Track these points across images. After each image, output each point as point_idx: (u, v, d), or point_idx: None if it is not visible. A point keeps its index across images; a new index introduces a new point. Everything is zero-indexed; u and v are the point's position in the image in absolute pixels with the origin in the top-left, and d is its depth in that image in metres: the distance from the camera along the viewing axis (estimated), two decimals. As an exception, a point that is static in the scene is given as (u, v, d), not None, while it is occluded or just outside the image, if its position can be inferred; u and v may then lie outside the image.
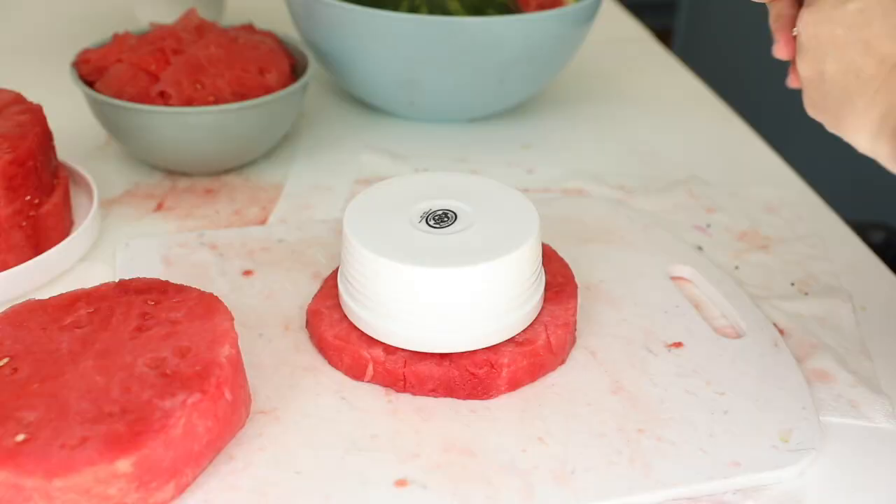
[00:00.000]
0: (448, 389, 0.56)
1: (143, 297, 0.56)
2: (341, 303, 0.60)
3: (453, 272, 0.54)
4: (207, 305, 0.55)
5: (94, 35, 0.90)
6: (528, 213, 0.59)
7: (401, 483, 0.51)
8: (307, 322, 0.62)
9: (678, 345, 0.62)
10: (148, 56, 0.78)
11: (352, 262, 0.57)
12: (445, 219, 0.58)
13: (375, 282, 0.55)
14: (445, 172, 0.64)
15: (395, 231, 0.57)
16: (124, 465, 0.45)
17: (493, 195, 0.61)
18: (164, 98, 0.77)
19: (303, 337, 0.62)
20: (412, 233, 0.57)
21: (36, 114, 0.69)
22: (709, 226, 0.77)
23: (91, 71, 0.80)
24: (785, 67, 0.61)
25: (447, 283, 0.54)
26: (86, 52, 0.82)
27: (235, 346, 0.53)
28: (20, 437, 0.46)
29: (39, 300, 0.56)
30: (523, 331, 0.59)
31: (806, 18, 0.51)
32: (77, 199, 0.75)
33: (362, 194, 0.61)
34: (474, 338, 0.56)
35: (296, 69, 0.86)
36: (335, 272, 0.63)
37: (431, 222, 0.58)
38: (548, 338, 0.58)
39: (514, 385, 0.57)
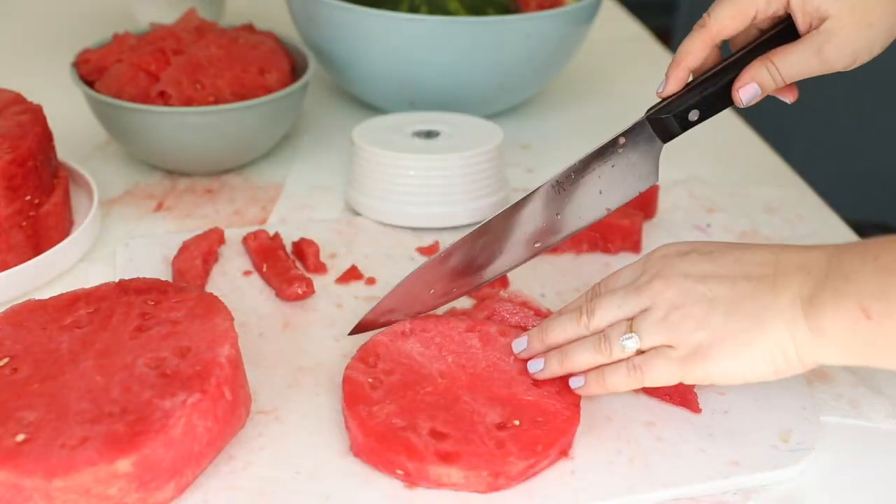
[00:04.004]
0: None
1: (143, 297, 0.56)
2: (354, 204, 0.76)
3: (436, 158, 0.73)
4: (207, 305, 0.55)
5: (94, 35, 0.90)
6: (494, 133, 0.77)
7: (400, 482, 0.51)
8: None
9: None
10: (148, 56, 0.78)
11: (365, 165, 0.75)
12: (432, 134, 0.77)
13: (379, 172, 0.74)
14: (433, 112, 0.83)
15: (396, 139, 0.76)
16: (124, 465, 0.45)
17: (469, 122, 0.80)
18: (163, 98, 0.77)
19: (303, 337, 0.62)
20: (410, 140, 0.76)
21: (36, 114, 0.69)
22: (709, 225, 0.77)
23: (91, 71, 0.80)
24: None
25: (433, 166, 0.73)
26: (86, 52, 0.82)
27: (235, 346, 0.53)
28: (20, 437, 0.46)
29: (39, 300, 0.56)
30: None
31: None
32: (77, 199, 0.75)
33: (364, 122, 0.79)
34: (451, 213, 0.74)
35: (296, 69, 0.86)
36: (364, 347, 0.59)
37: (422, 136, 0.77)
38: None
39: None
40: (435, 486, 0.50)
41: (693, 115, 0.59)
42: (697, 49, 0.59)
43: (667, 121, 0.58)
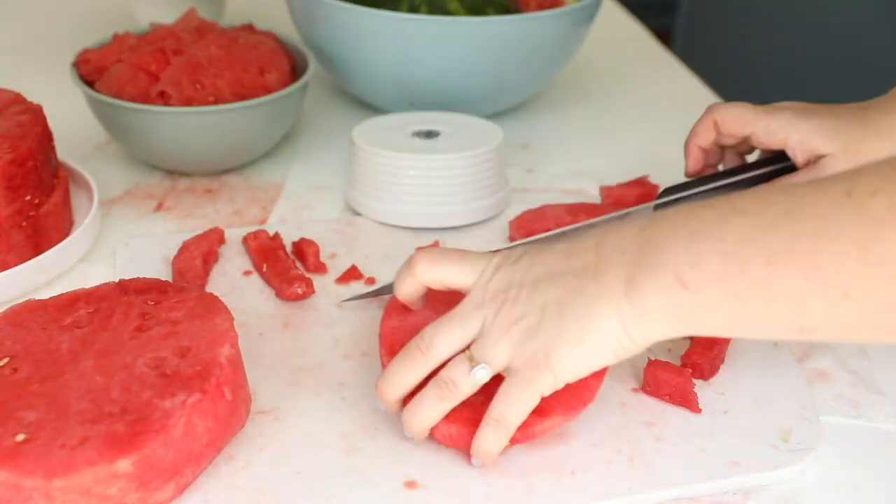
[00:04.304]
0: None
1: (143, 297, 0.56)
2: (354, 204, 0.77)
3: (436, 158, 0.74)
4: (207, 305, 0.55)
5: (94, 35, 0.90)
6: (494, 133, 0.78)
7: (400, 482, 0.51)
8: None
9: (678, 345, 0.62)
10: (148, 56, 0.78)
11: (365, 165, 0.75)
12: (432, 134, 0.78)
13: (379, 172, 0.74)
14: (433, 112, 0.83)
15: (396, 139, 0.76)
16: (124, 465, 0.45)
17: (469, 122, 0.80)
18: (163, 98, 0.77)
19: (303, 337, 0.62)
20: (410, 140, 0.76)
21: (36, 114, 0.69)
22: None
23: (91, 71, 0.80)
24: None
25: (433, 166, 0.73)
26: (86, 52, 0.82)
27: (235, 346, 0.53)
28: (20, 437, 0.46)
29: (39, 300, 0.56)
30: None
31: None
32: (77, 199, 0.75)
33: (364, 122, 0.79)
34: (451, 213, 0.74)
35: (296, 69, 0.86)
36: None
37: (422, 136, 0.77)
38: None
39: None
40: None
41: None
42: (702, 130, 0.68)
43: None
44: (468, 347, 0.50)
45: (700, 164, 0.70)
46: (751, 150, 0.71)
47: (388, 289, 0.64)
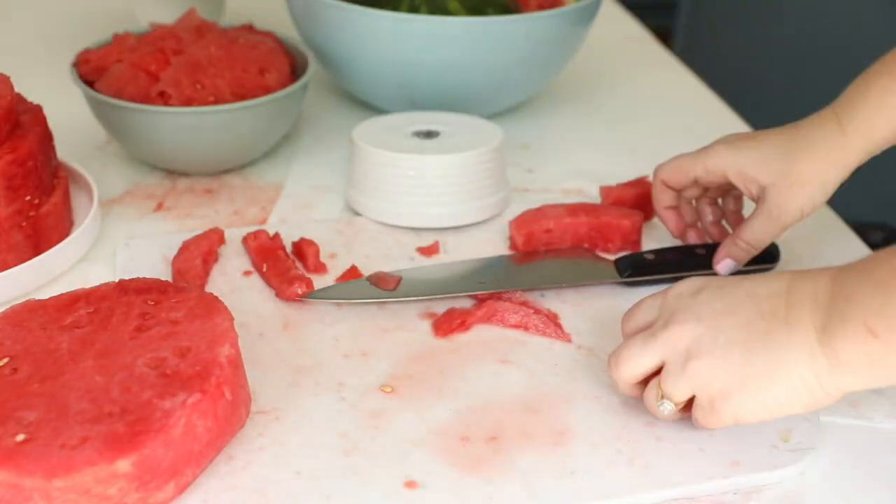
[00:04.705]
0: None
1: (143, 297, 0.56)
2: (354, 204, 0.77)
3: (436, 158, 0.73)
4: (207, 305, 0.55)
5: (94, 35, 0.90)
6: (494, 133, 0.78)
7: (400, 482, 0.51)
8: None
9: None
10: (148, 56, 0.78)
11: (365, 165, 0.75)
12: (432, 134, 0.78)
13: (379, 172, 0.74)
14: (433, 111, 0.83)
15: (396, 139, 0.76)
16: (124, 465, 0.45)
17: (469, 122, 0.80)
18: (164, 98, 0.77)
19: (303, 337, 0.62)
20: (410, 140, 0.76)
21: (36, 114, 0.69)
22: (709, 226, 0.77)
23: (91, 71, 0.80)
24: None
25: (433, 166, 0.73)
26: (86, 52, 0.82)
27: (235, 346, 0.53)
28: (20, 437, 0.46)
29: (39, 300, 0.56)
30: None
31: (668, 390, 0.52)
32: (77, 199, 0.75)
33: (364, 122, 0.79)
34: (451, 213, 0.74)
35: (296, 69, 0.86)
36: None
37: (421, 136, 0.77)
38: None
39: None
40: None
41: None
42: (658, 193, 0.71)
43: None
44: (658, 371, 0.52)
45: (677, 223, 0.71)
46: (719, 193, 0.71)
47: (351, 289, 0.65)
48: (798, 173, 0.62)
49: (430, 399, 0.57)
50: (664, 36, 1.38)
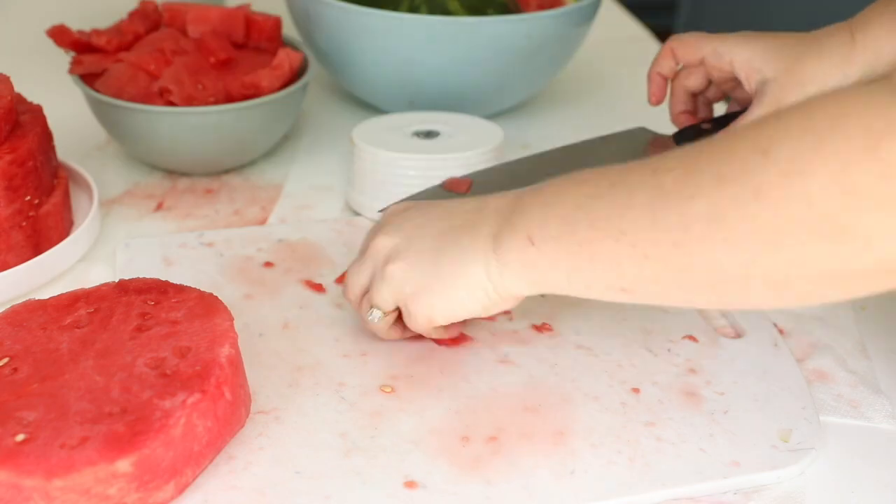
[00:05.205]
0: None
1: (143, 297, 0.56)
2: (354, 204, 0.77)
3: (436, 158, 0.74)
4: (207, 305, 0.55)
5: (94, 35, 0.90)
6: (494, 133, 0.78)
7: (400, 482, 0.51)
8: None
9: (678, 345, 0.62)
10: (148, 56, 0.78)
11: (365, 165, 0.75)
12: (432, 134, 0.78)
13: (379, 172, 0.75)
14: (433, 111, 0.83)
15: (396, 139, 0.76)
16: (124, 465, 0.45)
17: (469, 122, 0.80)
18: (165, 95, 0.77)
19: (303, 337, 0.62)
20: (409, 140, 0.77)
21: (36, 114, 0.69)
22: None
23: (91, 70, 0.80)
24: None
25: (433, 166, 0.73)
26: (79, 56, 0.82)
27: (235, 346, 0.53)
28: (20, 437, 0.46)
29: (39, 300, 0.56)
30: None
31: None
32: (77, 199, 0.75)
33: (364, 122, 0.79)
34: None
35: (296, 69, 0.86)
36: None
37: (421, 136, 0.77)
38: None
39: None
40: None
41: None
42: (662, 58, 0.73)
43: None
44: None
45: (662, 93, 0.75)
46: (720, 95, 0.74)
47: None
48: (801, 72, 0.65)
49: (429, 399, 0.57)
50: (664, 36, 1.37)
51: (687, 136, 0.72)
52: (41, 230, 0.67)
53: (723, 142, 0.44)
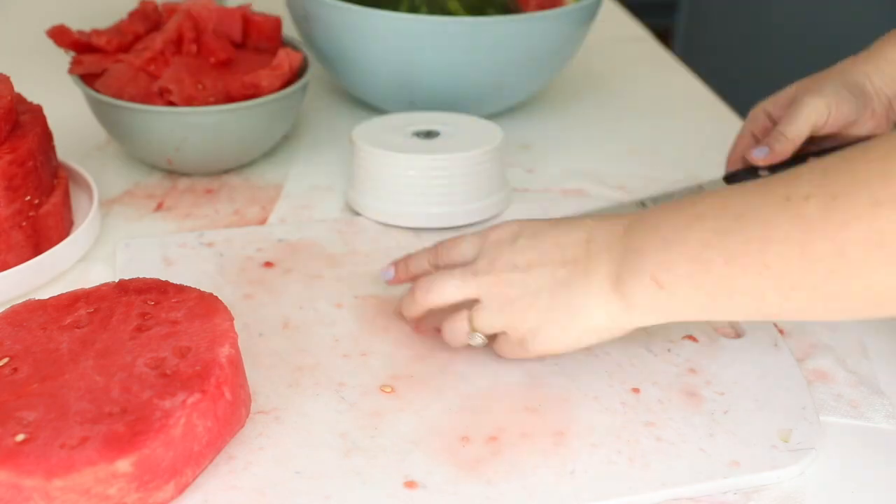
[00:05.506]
0: None
1: (142, 297, 0.56)
2: (354, 204, 0.77)
3: (436, 158, 0.74)
4: (207, 305, 0.55)
5: (94, 35, 0.90)
6: (494, 133, 0.77)
7: (400, 482, 0.51)
8: None
9: (678, 345, 0.62)
10: (147, 56, 0.78)
11: (365, 165, 0.75)
12: (432, 134, 0.78)
13: (379, 172, 0.75)
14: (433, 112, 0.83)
15: (396, 139, 0.76)
16: (124, 465, 0.45)
17: (469, 122, 0.80)
18: (165, 95, 0.77)
19: (303, 336, 0.62)
20: (410, 140, 0.76)
21: (36, 114, 0.69)
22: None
23: (91, 70, 0.80)
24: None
25: (433, 166, 0.74)
26: (78, 56, 0.82)
27: (235, 346, 0.53)
28: (20, 437, 0.46)
29: (39, 300, 0.56)
30: None
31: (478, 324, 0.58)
32: (77, 199, 0.75)
33: (364, 122, 0.79)
34: (451, 213, 0.75)
35: (296, 69, 0.86)
36: None
37: (421, 136, 0.77)
38: None
39: None
40: None
41: None
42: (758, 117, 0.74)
43: None
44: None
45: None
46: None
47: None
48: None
49: (430, 399, 0.57)
50: (664, 36, 1.38)
51: (740, 177, 0.72)
52: (41, 230, 0.67)
53: (872, 162, 0.43)
